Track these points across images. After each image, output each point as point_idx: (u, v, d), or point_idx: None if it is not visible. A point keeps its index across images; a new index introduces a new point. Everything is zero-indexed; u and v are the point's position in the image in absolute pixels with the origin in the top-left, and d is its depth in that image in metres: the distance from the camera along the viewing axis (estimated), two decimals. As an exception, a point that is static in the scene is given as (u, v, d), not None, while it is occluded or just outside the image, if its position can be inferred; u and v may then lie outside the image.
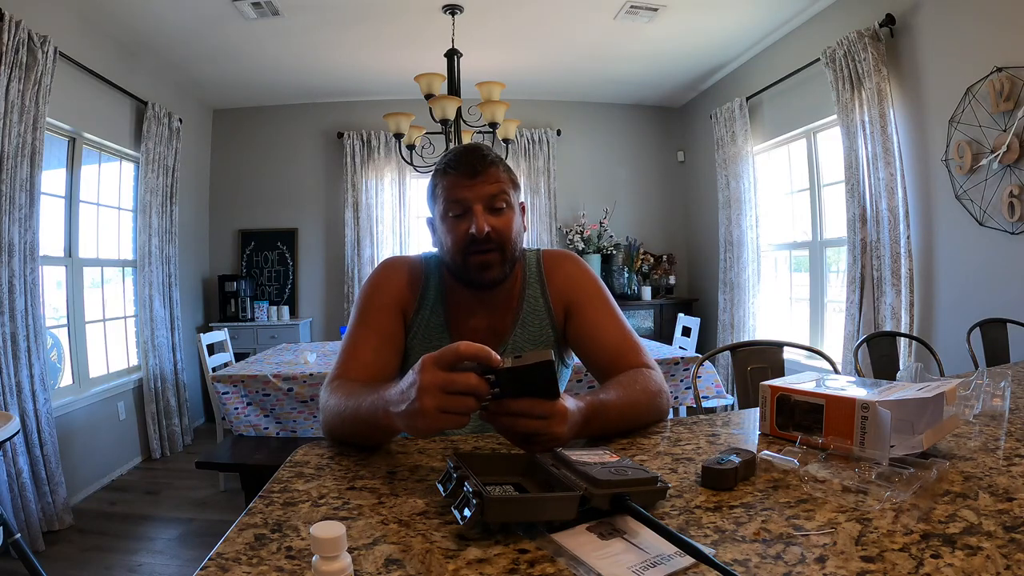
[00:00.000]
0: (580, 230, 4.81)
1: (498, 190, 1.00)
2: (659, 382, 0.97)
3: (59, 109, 2.96)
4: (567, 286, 1.10)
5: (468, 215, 0.99)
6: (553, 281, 1.11)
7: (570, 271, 1.12)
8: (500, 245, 0.99)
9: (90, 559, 2.40)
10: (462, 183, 0.99)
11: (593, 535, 0.54)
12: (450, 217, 1.00)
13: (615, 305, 1.11)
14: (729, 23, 3.62)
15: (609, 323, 1.07)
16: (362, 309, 1.05)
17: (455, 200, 0.99)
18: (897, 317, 2.85)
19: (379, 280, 1.08)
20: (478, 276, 1.01)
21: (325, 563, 0.42)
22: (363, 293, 1.08)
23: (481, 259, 0.99)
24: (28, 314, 2.62)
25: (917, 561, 0.48)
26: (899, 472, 0.65)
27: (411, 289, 1.09)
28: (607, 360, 1.03)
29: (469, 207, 0.99)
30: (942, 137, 2.62)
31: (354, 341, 1.01)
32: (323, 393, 0.92)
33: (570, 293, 1.10)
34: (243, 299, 4.60)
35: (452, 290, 1.09)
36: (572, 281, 1.11)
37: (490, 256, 0.99)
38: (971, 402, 0.95)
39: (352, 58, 4.03)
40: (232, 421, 2.58)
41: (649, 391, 0.93)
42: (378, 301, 1.06)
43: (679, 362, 2.82)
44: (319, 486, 0.69)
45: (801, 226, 3.91)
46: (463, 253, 0.99)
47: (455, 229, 1.00)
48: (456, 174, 0.99)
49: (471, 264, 1.00)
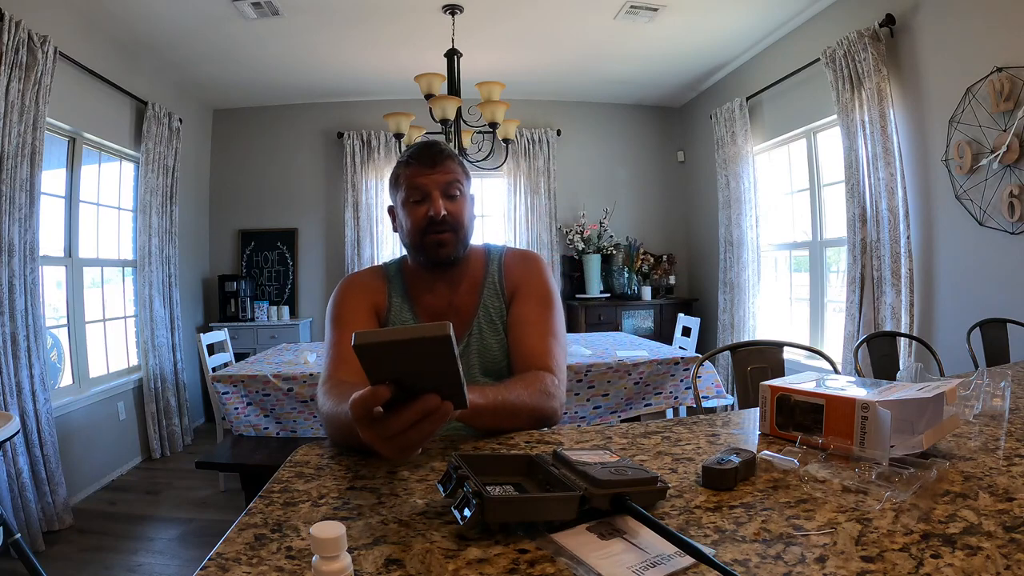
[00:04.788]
0: (580, 230, 4.80)
1: (453, 178, 1.11)
2: (552, 387, 1.00)
3: (59, 109, 2.96)
4: (519, 275, 1.20)
5: (426, 200, 1.10)
6: (510, 269, 1.22)
7: (528, 266, 1.22)
8: (454, 227, 1.11)
9: (90, 559, 2.40)
10: (422, 172, 1.10)
11: (593, 535, 0.54)
12: (411, 203, 1.11)
13: (555, 310, 1.16)
14: (729, 23, 3.62)
15: (536, 329, 1.12)
16: (335, 318, 1.13)
17: (415, 187, 1.10)
18: (897, 317, 2.85)
19: (347, 291, 1.17)
20: (435, 253, 1.11)
21: (325, 563, 0.42)
22: (332, 308, 1.15)
23: (438, 238, 1.10)
24: (28, 314, 2.62)
25: (917, 561, 0.48)
26: (899, 472, 0.65)
27: (379, 291, 1.19)
28: (518, 367, 1.09)
29: (428, 193, 1.10)
30: (942, 137, 2.62)
31: (337, 345, 1.08)
32: (319, 397, 0.96)
33: (519, 281, 1.19)
34: (243, 299, 4.60)
35: (414, 281, 1.20)
36: (525, 274, 1.20)
37: (445, 236, 1.10)
38: (971, 402, 0.95)
39: (352, 58, 4.03)
40: (232, 421, 2.58)
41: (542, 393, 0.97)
42: (350, 307, 1.14)
43: (679, 362, 2.82)
44: (319, 486, 0.69)
45: (801, 226, 3.91)
46: (422, 233, 1.10)
47: (415, 212, 1.11)
48: (417, 164, 1.11)
49: (428, 242, 1.11)
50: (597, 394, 2.71)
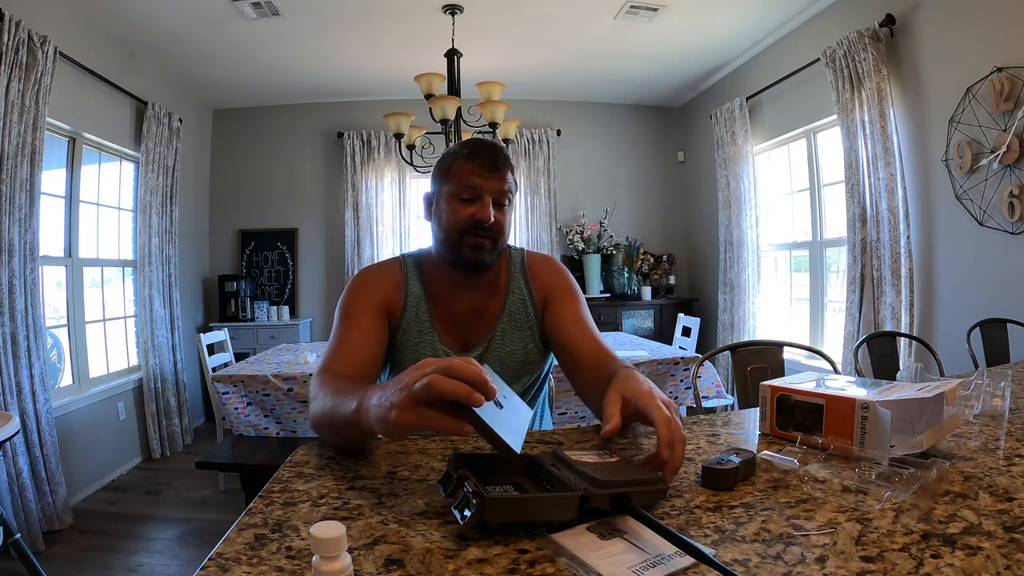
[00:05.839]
0: (580, 230, 4.80)
1: (507, 188, 1.10)
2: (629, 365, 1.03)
3: (59, 109, 2.96)
4: (549, 280, 1.21)
5: (477, 202, 1.08)
6: (537, 274, 1.22)
7: (553, 268, 1.24)
8: (496, 235, 1.10)
9: (90, 559, 2.40)
10: (480, 173, 1.08)
11: (593, 535, 0.54)
12: (459, 199, 1.09)
13: (587, 308, 1.19)
14: (729, 23, 3.62)
15: (583, 327, 1.13)
16: (345, 312, 1.10)
17: (469, 185, 1.08)
18: (897, 317, 2.85)
19: (359, 286, 1.15)
20: (471, 256, 1.09)
21: (325, 563, 0.42)
22: (344, 300, 1.13)
23: (477, 240, 1.08)
24: (28, 314, 2.62)
25: (917, 561, 0.48)
26: (899, 472, 0.65)
27: (394, 291, 1.16)
28: (589, 370, 1.07)
29: (481, 195, 1.08)
30: (942, 137, 2.62)
31: (341, 339, 1.06)
32: (312, 385, 0.94)
33: (551, 286, 1.20)
34: (243, 299, 4.60)
35: (434, 278, 1.17)
36: (554, 277, 1.22)
37: (485, 241, 1.09)
38: (971, 402, 0.95)
39: (352, 58, 4.03)
40: (232, 421, 2.58)
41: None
42: (360, 303, 1.11)
43: (679, 362, 2.82)
44: (319, 486, 0.69)
45: (801, 226, 3.91)
46: (462, 233, 1.08)
47: (460, 210, 1.08)
48: (477, 163, 1.08)
49: (466, 243, 1.09)
50: (597, 394, 2.71)
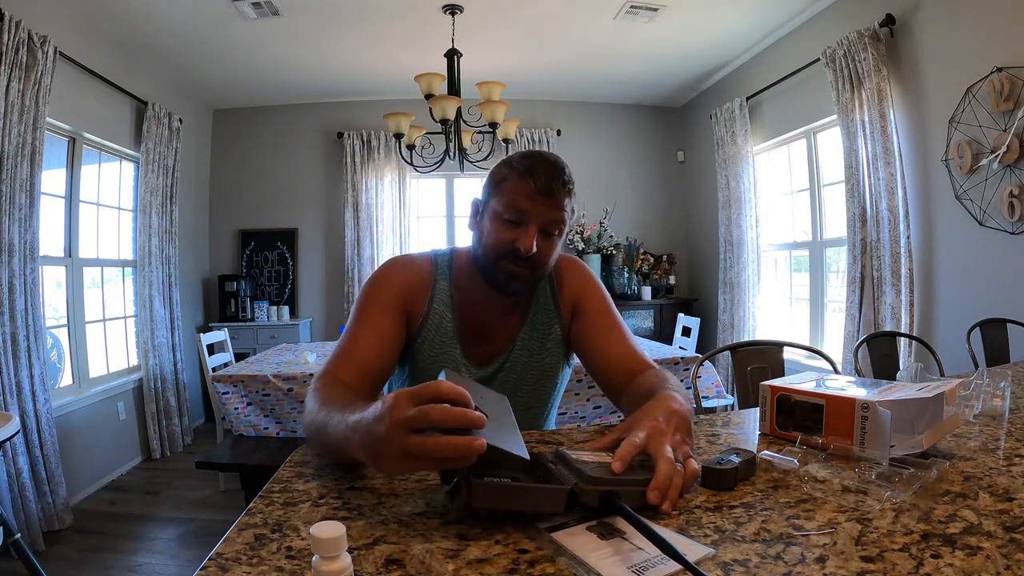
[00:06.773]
0: (580, 230, 4.80)
1: (559, 217, 1.00)
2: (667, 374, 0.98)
3: (59, 109, 2.96)
4: (577, 286, 1.13)
5: (521, 227, 0.98)
6: (563, 281, 1.13)
7: (579, 272, 1.15)
8: (536, 266, 1.01)
9: (90, 559, 2.40)
10: (531, 196, 0.97)
11: (593, 535, 0.54)
12: (504, 219, 0.99)
13: (617, 312, 1.13)
14: (729, 23, 3.62)
15: (617, 334, 1.08)
16: (362, 307, 1.03)
17: (517, 208, 0.98)
18: (897, 317, 2.85)
19: (383, 279, 1.06)
20: (502, 284, 1.02)
21: (325, 563, 0.42)
22: (365, 290, 1.05)
23: (513, 269, 0.99)
24: (28, 314, 2.62)
25: (917, 561, 0.48)
26: (899, 472, 0.65)
27: (419, 292, 1.08)
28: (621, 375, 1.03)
29: (527, 221, 0.98)
30: (942, 137, 2.62)
31: (351, 339, 0.98)
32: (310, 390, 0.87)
33: (580, 293, 1.12)
34: (243, 299, 4.60)
35: (462, 283, 1.10)
36: (582, 282, 1.14)
37: (522, 271, 1.00)
38: (971, 402, 0.95)
39: (352, 58, 4.03)
40: (232, 421, 2.58)
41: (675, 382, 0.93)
42: (380, 300, 1.03)
43: (679, 362, 2.82)
44: (319, 486, 0.69)
45: (801, 226, 3.91)
46: (498, 256, 1.00)
47: (503, 232, 0.99)
48: (530, 184, 0.97)
49: (501, 268, 1.00)
50: (597, 394, 2.71)
